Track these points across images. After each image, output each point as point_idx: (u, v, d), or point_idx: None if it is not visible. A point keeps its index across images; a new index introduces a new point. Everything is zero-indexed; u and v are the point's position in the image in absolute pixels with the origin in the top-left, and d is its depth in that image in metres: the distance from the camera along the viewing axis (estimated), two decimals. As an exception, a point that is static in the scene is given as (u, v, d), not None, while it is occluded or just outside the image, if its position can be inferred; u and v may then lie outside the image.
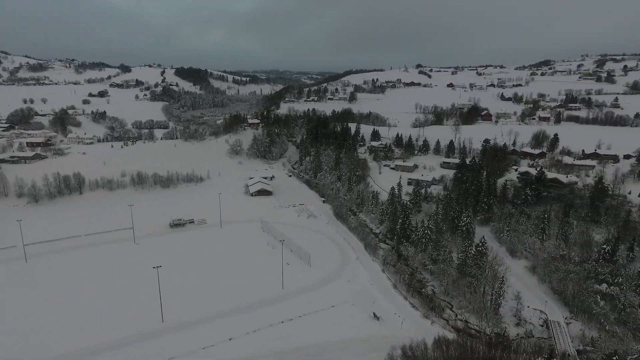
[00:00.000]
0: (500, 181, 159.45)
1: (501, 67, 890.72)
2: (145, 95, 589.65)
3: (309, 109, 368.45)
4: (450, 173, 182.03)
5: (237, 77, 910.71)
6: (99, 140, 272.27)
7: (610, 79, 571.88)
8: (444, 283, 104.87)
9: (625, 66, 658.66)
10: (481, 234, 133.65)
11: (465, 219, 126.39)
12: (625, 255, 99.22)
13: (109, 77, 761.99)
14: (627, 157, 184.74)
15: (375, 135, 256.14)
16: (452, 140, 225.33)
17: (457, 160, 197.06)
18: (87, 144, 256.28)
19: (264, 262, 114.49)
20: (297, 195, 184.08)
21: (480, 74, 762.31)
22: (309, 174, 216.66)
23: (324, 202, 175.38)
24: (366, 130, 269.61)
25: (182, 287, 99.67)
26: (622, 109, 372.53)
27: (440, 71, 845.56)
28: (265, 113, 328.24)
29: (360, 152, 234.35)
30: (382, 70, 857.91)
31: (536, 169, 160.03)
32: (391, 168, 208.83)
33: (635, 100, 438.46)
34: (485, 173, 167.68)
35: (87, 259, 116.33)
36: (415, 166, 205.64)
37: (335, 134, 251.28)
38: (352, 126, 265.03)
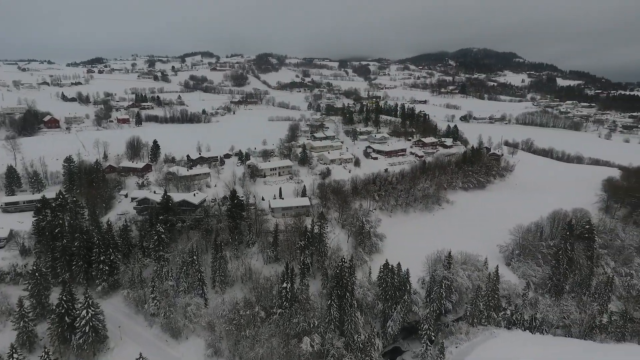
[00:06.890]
0: (113, 219, 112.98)
1: (49, 62, 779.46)
2: None
3: None
4: (25, 222, 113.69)
5: None
6: None
7: (165, 78, 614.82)
8: None
9: (173, 67, 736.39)
10: (110, 314, 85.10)
11: (87, 312, 73.12)
12: (303, 287, 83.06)
13: None
14: (227, 156, 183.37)
15: None
16: (11, 165, 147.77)
17: (30, 197, 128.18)
18: None
19: None
20: None
21: (24, 70, 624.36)
22: None
23: None
24: None
25: None
26: (187, 105, 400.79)
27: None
28: None
29: None
30: None
31: (155, 192, 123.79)
32: None
33: (192, 96, 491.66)
34: (87, 211, 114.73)
35: None
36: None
37: None
38: None
